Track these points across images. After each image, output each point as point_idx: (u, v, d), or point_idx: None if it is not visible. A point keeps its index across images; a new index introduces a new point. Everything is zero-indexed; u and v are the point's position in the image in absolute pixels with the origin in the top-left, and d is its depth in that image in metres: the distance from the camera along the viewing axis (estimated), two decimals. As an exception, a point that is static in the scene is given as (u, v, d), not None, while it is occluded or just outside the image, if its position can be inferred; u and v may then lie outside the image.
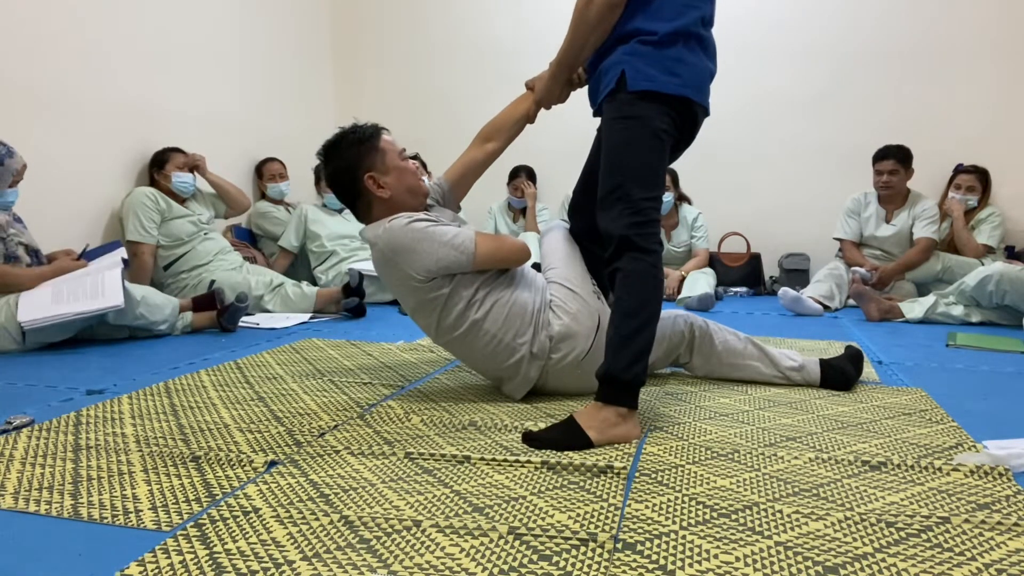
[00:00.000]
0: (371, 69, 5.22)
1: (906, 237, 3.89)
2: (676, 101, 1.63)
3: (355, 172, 1.88)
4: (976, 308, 3.25)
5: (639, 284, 1.58)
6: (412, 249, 1.76)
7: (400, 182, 1.90)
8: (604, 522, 1.13)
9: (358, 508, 1.17)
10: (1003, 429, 1.64)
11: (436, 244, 1.76)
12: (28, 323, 2.44)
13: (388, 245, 1.79)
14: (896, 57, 4.40)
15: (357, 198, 1.92)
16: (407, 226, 1.78)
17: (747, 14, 4.61)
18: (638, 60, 1.61)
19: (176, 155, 3.46)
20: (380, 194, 1.88)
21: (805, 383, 2.03)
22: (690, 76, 1.64)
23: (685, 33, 1.63)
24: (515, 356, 1.81)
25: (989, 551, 1.03)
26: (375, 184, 1.87)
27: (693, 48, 1.65)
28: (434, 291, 1.79)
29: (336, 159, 1.93)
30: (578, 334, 1.82)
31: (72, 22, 3.14)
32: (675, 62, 1.62)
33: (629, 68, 1.61)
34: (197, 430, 1.61)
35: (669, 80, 1.61)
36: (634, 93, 1.61)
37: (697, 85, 1.66)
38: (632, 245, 1.58)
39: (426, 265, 1.76)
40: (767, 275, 4.61)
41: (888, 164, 3.84)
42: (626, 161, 1.62)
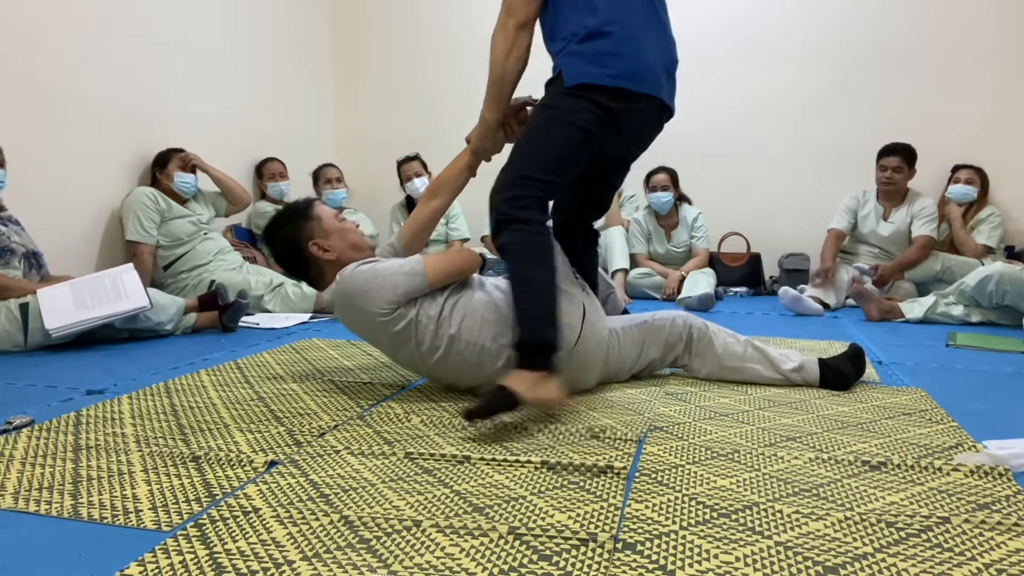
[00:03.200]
0: (371, 69, 5.22)
1: (904, 235, 3.90)
2: (610, 92, 1.68)
3: (299, 244, 1.94)
4: (976, 308, 3.25)
5: (521, 252, 1.66)
6: (367, 289, 1.79)
7: (343, 240, 1.96)
8: (604, 522, 1.13)
9: (358, 508, 1.17)
10: (1003, 429, 1.64)
11: (387, 276, 1.79)
12: (56, 330, 2.45)
13: (344, 295, 1.82)
14: (896, 57, 4.40)
15: (308, 268, 1.97)
16: (354, 272, 1.82)
17: (747, 14, 4.62)
18: (572, 58, 1.70)
19: (180, 155, 3.47)
20: (327, 257, 1.93)
21: (805, 383, 2.03)
22: (624, 67, 1.68)
23: (613, 23, 1.68)
24: (503, 357, 1.81)
25: (989, 551, 1.03)
26: (320, 249, 1.93)
27: (625, 40, 1.69)
28: (401, 320, 1.79)
29: (279, 239, 1.99)
30: (563, 325, 1.82)
31: (72, 23, 3.14)
32: (608, 55, 1.67)
33: (565, 67, 1.70)
34: (197, 430, 1.61)
35: (600, 72, 1.66)
36: (569, 87, 1.69)
37: (633, 75, 1.69)
38: (507, 217, 1.66)
39: (385, 297, 1.78)
40: (767, 275, 4.61)
41: (894, 160, 3.84)
42: (528, 142, 1.72)
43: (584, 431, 1.58)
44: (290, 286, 3.40)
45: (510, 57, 1.75)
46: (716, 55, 4.69)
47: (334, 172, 4.36)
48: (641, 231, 4.44)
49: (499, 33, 1.75)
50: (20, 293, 2.53)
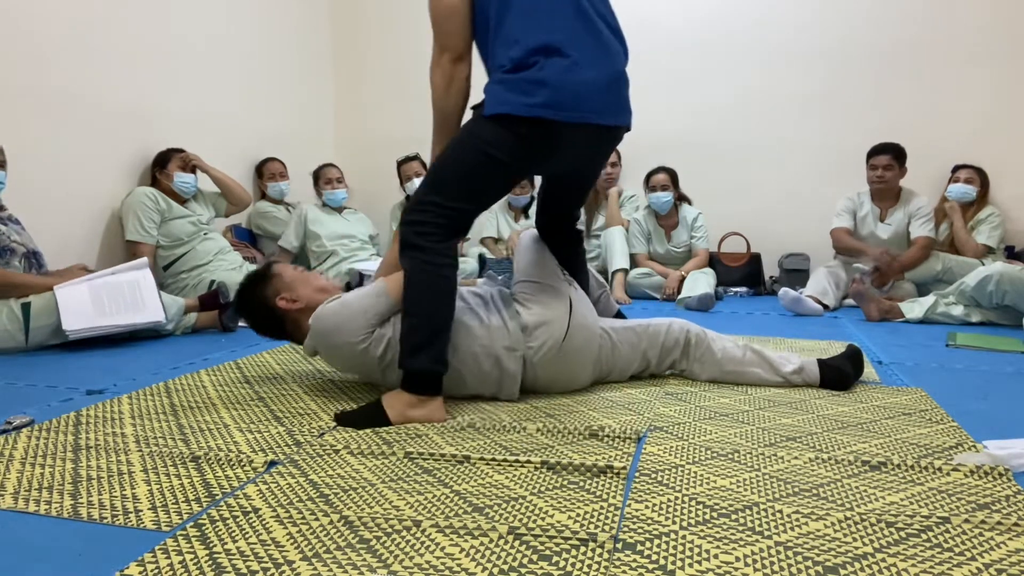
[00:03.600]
0: (371, 69, 5.22)
1: (903, 236, 3.90)
2: (527, 122, 1.63)
3: (268, 303, 1.93)
4: (976, 308, 3.25)
5: (414, 281, 1.67)
6: (339, 322, 1.79)
7: (307, 286, 1.95)
8: (604, 522, 1.13)
9: (358, 508, 1.17)
10: (1003, 429, 1.64)
11: (355, 304, 1.80)
12: (73, 332, 2.49)
13: (321, 334, 1.81)
14: (895, 57, 4.40)
15: (284, 324, 1.95)
16: (323, 310, 1.82)
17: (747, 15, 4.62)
18: (498, 86, 1.67)
19: (179, 155, 3.47)
20: (296, 307, 1.91)
21: (805, 384, 2.03)
22: (549, 96, 1.61)
23: (541, 50, 1.63)
24: (489, 360, 1.82)
25: (989, 551, 1.03)
26: (287, 301, 1.91)
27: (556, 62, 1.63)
28: (380, 342, 1.78)
29: (250, 308, 1.99)
30: (551, 319, 1.85)
31: (73, 23, 3.14)
32: (533, 84, 1.62)
33: (488, 95, 1.68)
34: (197, 430, 1.61)
35: (521, 101, 1.62)
36: (487, 117, 1.66)
37: (558, 103, 1.62)
38: (407, 243, 1.67)
39: (359, 324, 1.77)
40: (767, 275, 4.61)
41: (884, 159, 3.85)
42: (441, 167, 1.71)
43: (584, 431, 1.58)
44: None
45: (449, 91, 1.73)
46: (716, 55, 4.69)
47: (334, 172, 4.35)
48: (641, 231, 4.43)
49: (435, 68, 1.73)
50: (31, 290, 2.54)
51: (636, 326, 2.06)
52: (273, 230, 4.17)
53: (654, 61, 4.79)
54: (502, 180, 1.76)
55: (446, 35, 1.72)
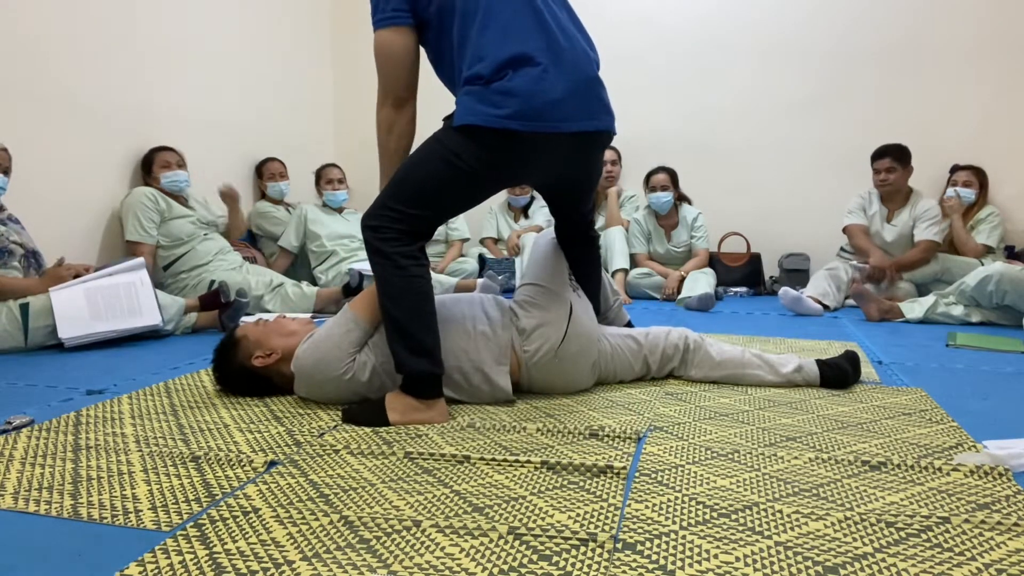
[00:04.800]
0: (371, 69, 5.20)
1: (908, 238, 3.89)
2: (497, 133, 1.61)
3: (245, 366, 1.87)
4: (976, 308, 3.25)
5: (383, 288, 1.66)
6: (318, 359, 1.75)
7: (276, 336, 1.88)
8: (604, 522, 1.13)
9: (358, 508, 1.17)
10: (1003, 429, 1.64)
11: (328, 339, 1.77)
12: (70, 340, 2.50)
13: (306, 376, 1.78)
14: (895, 57, 4.40)
15: (271, 380, 1.89)
16: (300, 353, 1.78)
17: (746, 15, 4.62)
18: (467, 98, 1.64)
19: (161, 154, 3.42)
20: (274, 358, 1.85)
21: (806, 383, 2.03)
22: (518, 106, 1.59)
23: (510, 62, 1.61)
24: (477, 375, 1.80)
25: (989, 551, 1.03)
26: (263, 358, 1.85)
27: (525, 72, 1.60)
28: (364, 368, 1.76)
29: (228, 376, 1.91)
30: (549, 323, 1.85)
31: (72, 23, 3.14)
32: (502, 95, 1.59)
33: (459, 107, 1.66)
34: (197, 430, 1.61)
35: (489, 113, 1.59)
36: (455, 127, 1.64)
37: (525, 114, 1.59)
38: (370, 248, 1.66)
39: (338, 357, 1.75)
40: (767, 275, 4.61)
41: (886, 162, 3.85)
42: (405, 174, 1.68)
43: (584, 431, 1.58)
44: (290, 286, 3.39)
45: (392, 134, 1.74)
46: (716, 56, 4.70)
47: (336, 173, 4.35)
48: (641, 231, 4.44)
49: (379, 111, 1.74)
50: (21, 294, 2.53)
51: (636, 334, 2.07)
52: (273, 230, 4.17)
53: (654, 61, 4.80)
54: (465, 190, 1.71)
55: (388, 80, 1.72)
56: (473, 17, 1.64)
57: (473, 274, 4.23)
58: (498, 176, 1.72)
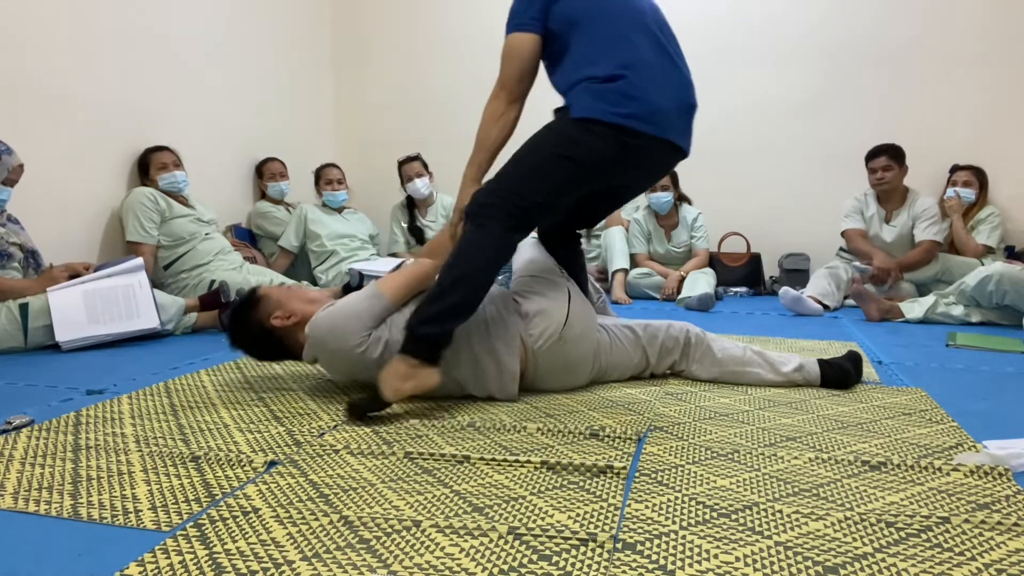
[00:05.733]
0: (371, 69, 5.22)
1: (907, 238, 3.89)
2: (614, 129, 1.71)
3: (263, 325, 1.89)
4: (976, 308, 3.25)
5: (464, 248, 1.72)
6: (334, 327, 1.77)
7: (297, 300, 1.92)
8: (604, 522, 1.13)
9: (358, 508, 1.17)
10: (1003, 429, 1.64)
11: (349, 308, 1.80)
12: (67, 343, 2.50)
13: (318, 342, 1.79)
14: (896, 57, 4.40)
15: (280, 340, 1.91)
16: (318, 318, 1.80)
17: (746, 15, 4.62)
18: (583, 94, 1.73)
19: (157, 155, 3.40)
20: (292, 321, 1.88)
21: (807, 383, 2.03)
22: (636, 108, 1.71)
23: (629, 65, 1.72)
24: (485, 356, 1.83)
25: (989, 551, 1.03)
26: (281, 319, 1.88)
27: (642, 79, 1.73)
28: (378, 344, 1.77)
29: (243, 335, 1.94)
30: (550, 308, 1.87)
31: (72, 23, 3.14)
32: (621, 95, 1.71)
33: (575, 101, 1.74)
34: (197, 430, 1.61)
35: (608, 110, 1.70)
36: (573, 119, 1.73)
37: (642, 116, 1.72)
38: (470, 217, 1.73)
39: (355, 328, 1.76)
40: (767, 275, 4.61)
41: (881, 161, 3.84)
42: (521, 161, 1.76)
43: (584, 431, 1.58)
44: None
45: (496, 125, 1.82)
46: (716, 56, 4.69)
47: (336, 173, 4.35)
48: (641, 231, 4.43)
49: (492, 101, 1.83)
50: (19, 295, 2.53)
51: (635, 325, 2.07)
52: (273, 230, 4.17)
53: (654, 61, 4.79)
54: (572, 180, 1.78)
55: (510, 77, 1.82)
56: (592, 27, 1.77)
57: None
58: (602, 172, 1.79)
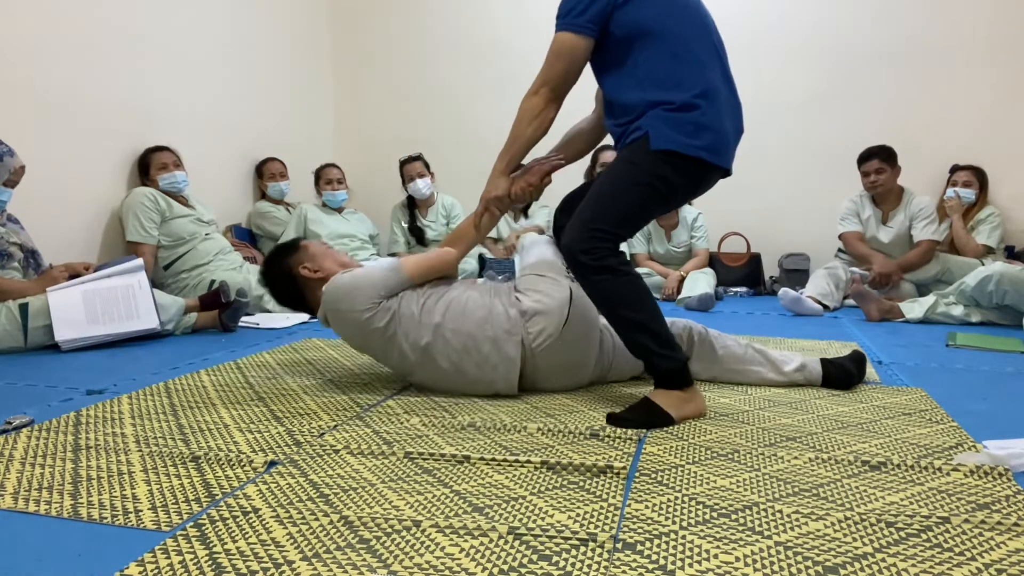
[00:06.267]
0: (371, 69, 5.22)
1: (905, 238, 3.89)
2: (690, 161, 1.71)
3: (290, 271, 2.05)
4: (976, 308, 3.25)
5: (613, 298, 1.71)
6: (351, 291, 1.87)
7: (330, 260, 2.05)
8: (604, 522, 1.13)
9: (358, 508, 1.17)
10: (1003, 429, 1.64)
11: (368, 275, 1.90)
12: (66, 343, 2.51)
13: (330, 302, 1.90)
14: (895, 58, 4.40)
15: (302, 290, 2.05)
16: (337, 278, 1.91)
17: (747, 14, 4.62)
18: (660, 123, 1.71)
19: (157, 155, 3.41)
20: (317, 276, 2.01)
21: (808, 383, 2.03)
22: (711, 140, 1.72)
23: (705, 94, 1.71)
24: (487, 343, 1.85)
25: (989, 551, 1.03)
26: (309, 271, 2.03)
27: (713, 110, 1.73)
28: (386, 314, 1.86)
29: (274, 275, 2.09)
30: (550, 308, 1.87)
31: (72, 23, 3.14)
32: (696, 127, 1.70)
33: (652, 130, 1.71)
34: (197, 430, 1.61)
35: (687, 142, 1.70)
36: (653, 150, 1.70)
37: (716, 148, 1.73)
38: (589, 269, 1.70)
39: (369, 295, 1.86)
40: (767, 275, 4.61)
41: (874, 163, 3.84)
42: (609, 199, 1.74)
43: (584, 431, 1.58)
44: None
45: (533, 123, 1.79)
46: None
47: (336, 173, 4.35)
48: (641, 231, 4.44)
49: (531, 97, 1.78)
50: (19, 296, 2.53)
51: None
52: (273, 230, 4.17)
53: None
54: (654, 211, 1.82)
55: (554, 76, 1.77)
56: (664, 43, 1.72)
57: (473, 274, 4.23)
58: (674, 200, 1.82)
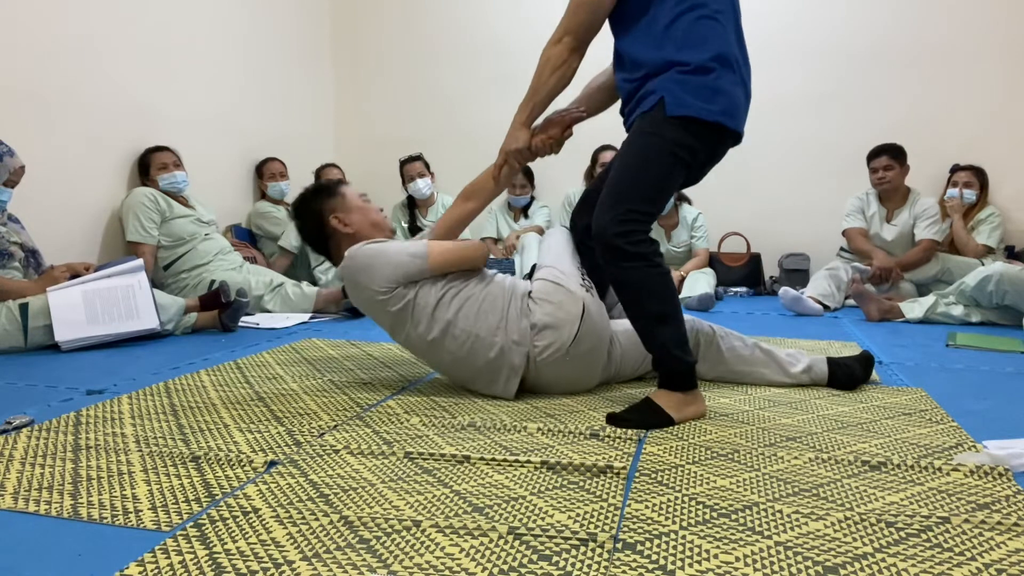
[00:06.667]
0: (371, 69, 5.22)
1: (908, 237, 3.89)
2: (708, 127, 1.68)
3: (322, 216, 2.03)
4: (976, 308, 3.25)
5: (643, 288, 1.67)
6: (371, 265, 1.86)
7: (364, 219, 2.04)
8: (604, 522, 1.13)
9: (358, 508, 1.17)
10: (1003, 429, 1.64)
11: (391, 255, 1.86)
12: (66, 343, 2.51)
13: (350, 270, 1.89)
14: (896, 58, 4.40)
15: (327, 239, 2.06)
16: (361, 248, 1.90)
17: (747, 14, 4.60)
18: (676, 87, 1.67)
19: (157, 155, 3.41)
20: (346, 230, 2.01)
21: (813, 383, 2.03)
22: (726, 104, 1.69)
23: (720, 58, 1.69)
24: (494, 348, 1.83)
25: (989, 551, 1.03)
26: (340, 222, 2.02)
27: (728, 74, 1.70)
28: (400, 300, 1.85)
29: (304, 211, 2.08)
30: (562, 323, 1.84)
31: (73, 23, 3.14)
32: (712, 91, 1.67)
33: (668, 95, 1.67)
34: (197, 430, 1.61)
35: (704, 107, 1.66)
36: (670, 117, 1.66)
37: (731, 112, 1.71)
38: (625, 254, 1.65)
39: (386, 275, 1.84)
40: (767, 275, 4.61)
41: (883, 160, 3.85)
42: (636, 173, 1.69)
43: (584, 431, 1.58)
44: (290, 286, 3.40)
45: (555, 73, 1.75)
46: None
47: (336, 173, 4.35)
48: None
49: (552, 46, 1.74)
50: (19, 296, 2.53)
51: None
52: (273, 230, 4.16)
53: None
54: (680, 180, 1.76)
55: (580, 24, 1.73)
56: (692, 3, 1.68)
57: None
58: (695, 168, 1.77)
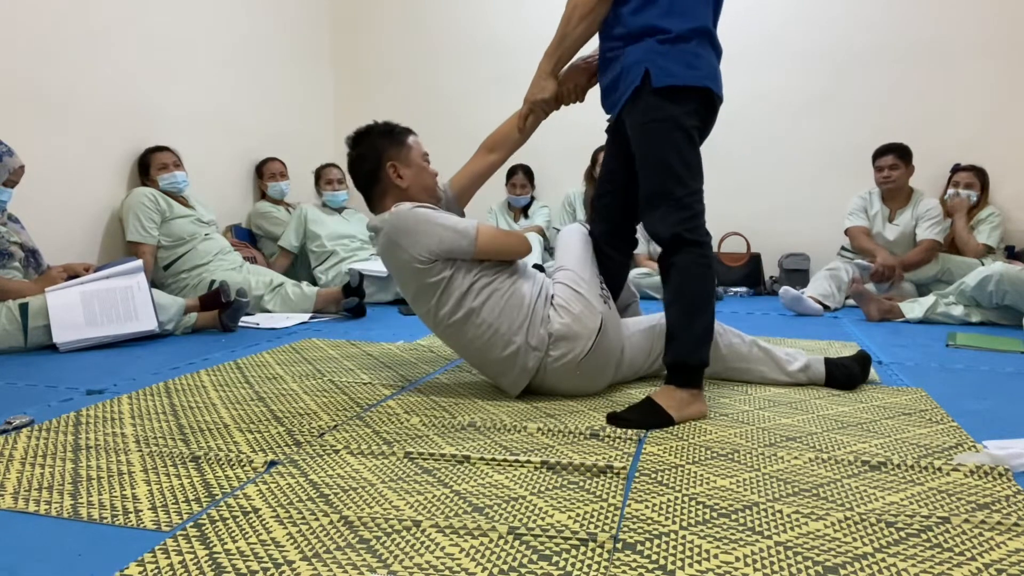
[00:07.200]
0: (371, 69, 5.22)
1: (910, 237, 3.89)
2: (698, 93, 1.69)
3: (379, 158, 1.95)
4: (976, 308, 3.25)
5: (690, 275, 1.70)
6: (415, 230, 1.81)
7: (418, 179, 1.98)
8: (604, 522, 1.13)
9: (358, 508, 1.17)
10: (1003, 429, 1.64)
11: (439, 227, 1.81)
12: (64, 345, 2.51)
13: (393, 227, 1.84)
14: (896, 58, 4.40)
15: (375, 184, 1.98)
16: (412, 210, 1.84)
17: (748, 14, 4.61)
18: (659, 57, 1.67)
19: (157, 155, 3.41)
20: (398, 183, 1.95)
21: (810, 383, 2.03)
22: (708, 69, 1.71)
23: (699, 31, 1.70)
24: (511, 347, 1.82)
25: (989, 551, 1.03)
26: (395, 173, 1.94)
27: (705, 46, 1.72)
28: (434, 275, 1.82)
29: (364, 145, 2.00)
30: (579, 335, 1.82)
31: (73, 23, 3.14)
32: (693, 56, 1.68)
33: (652, 66, 1.67)
34: (197, 430, 1.61)
35: (690, 73, 1.66)
36: (659, 91, 1.66)
37: (713, 76, 1.73)
38: (682, 241, 1.69)
39: (428, 246, 1.79)
40: (767, 275, 4.61)
41: (889, 159, 3.85)
42: (664, 162, 1.71)
43: (584, 431, 1.58)
44: (290, 286, 3.40)
45: (583, 21, 1.74)
46: (716, 55, 4.69)
47: (336, 173, 4.35)
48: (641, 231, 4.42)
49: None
50: (18, 296, 2.53)
51: (647, 328, 2.03)
52: (273, 230, 4.17)
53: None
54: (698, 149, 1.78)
55: None
56: None
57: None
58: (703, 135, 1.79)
